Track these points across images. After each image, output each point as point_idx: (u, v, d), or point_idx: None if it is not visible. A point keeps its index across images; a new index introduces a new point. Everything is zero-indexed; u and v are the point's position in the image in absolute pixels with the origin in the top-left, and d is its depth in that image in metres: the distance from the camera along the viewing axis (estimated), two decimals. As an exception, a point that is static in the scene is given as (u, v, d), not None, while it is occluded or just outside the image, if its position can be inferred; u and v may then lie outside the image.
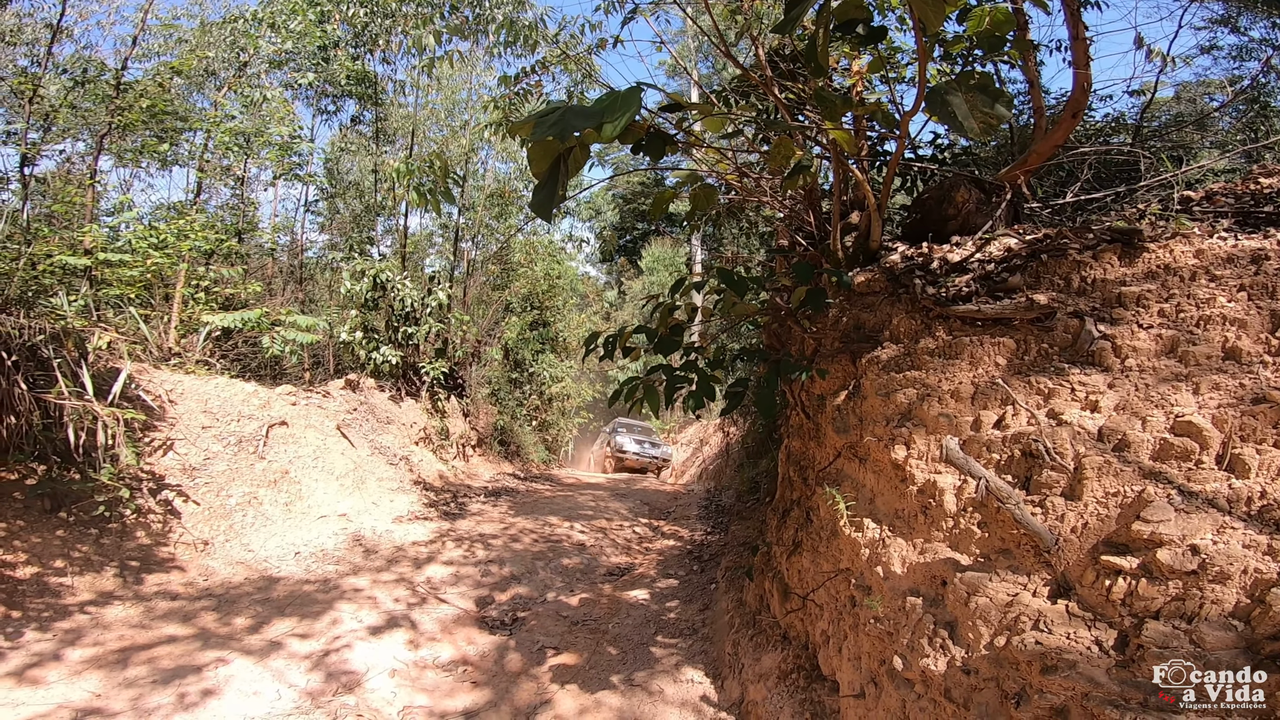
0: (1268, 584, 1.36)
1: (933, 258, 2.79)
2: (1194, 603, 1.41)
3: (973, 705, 1.58)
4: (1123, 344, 2.06)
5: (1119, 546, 1.60)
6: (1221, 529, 1.50)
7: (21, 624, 3.84)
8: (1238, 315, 2.01)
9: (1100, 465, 1.73)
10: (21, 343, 4.12)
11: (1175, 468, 1.70)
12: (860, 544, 2.22)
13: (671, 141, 2.16)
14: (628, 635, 4.60)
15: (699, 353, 2.81)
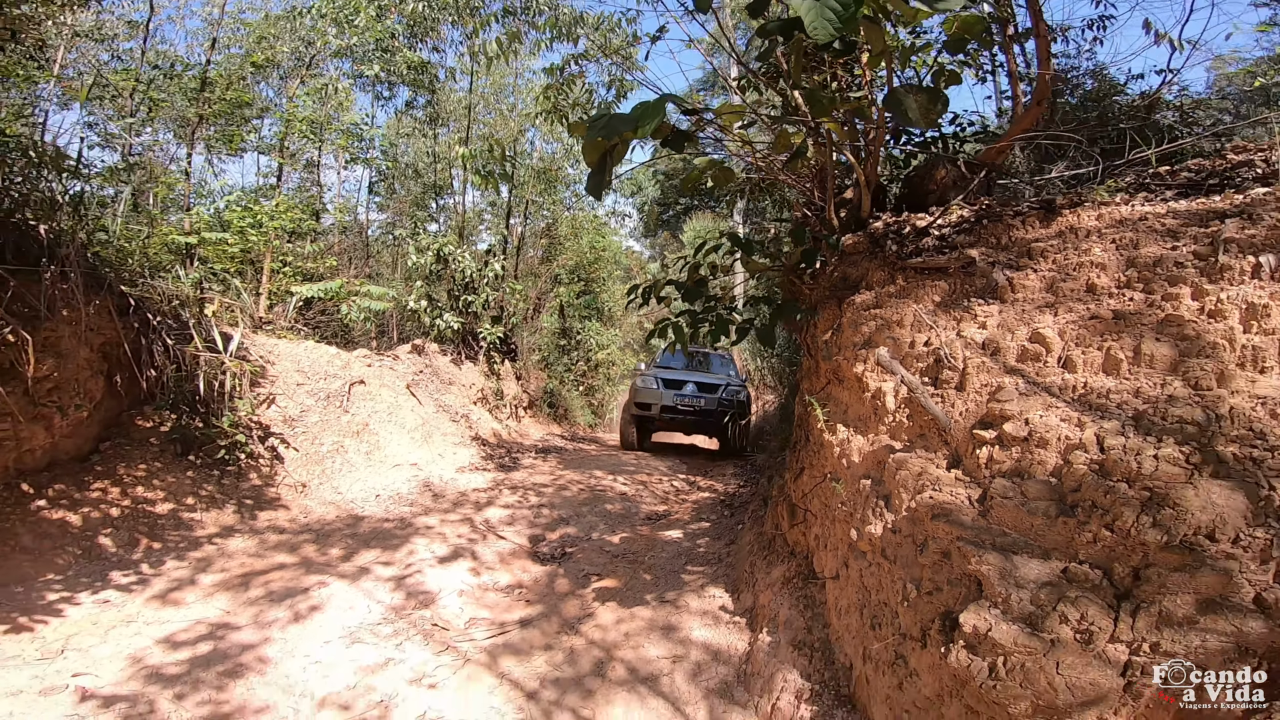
0: (1073, 447, 1.88)
1: (906, 224, 3.33)
2: (1026, 463, 1.94)
3: (898, 559, 2.14)
4: (1017, 283, 2.66)
5: (985, 424, 2.16)
6: (1048, 407, 2.03)
7: (162, 554, 4.48)
8: (1102, 261, 2.56)
9: (978, 365, 2.32)
10: (159, 306, 4.96)
11: (1028, 366, 2.28)
12: (834, 444, 2.84)
13: (690, 138, 2.72)
14: (661, 565, 5.23)
15: (718, 300, 3.42)
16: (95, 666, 3.14)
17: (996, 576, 1.67)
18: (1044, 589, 1.62)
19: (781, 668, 3.01)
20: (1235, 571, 1.48)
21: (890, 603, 2.16)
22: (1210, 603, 1.47)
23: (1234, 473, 1.64)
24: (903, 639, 2.04)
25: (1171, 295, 2.28)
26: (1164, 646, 1.46)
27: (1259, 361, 1.98)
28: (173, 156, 11.70)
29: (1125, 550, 1.63)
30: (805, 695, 2.75)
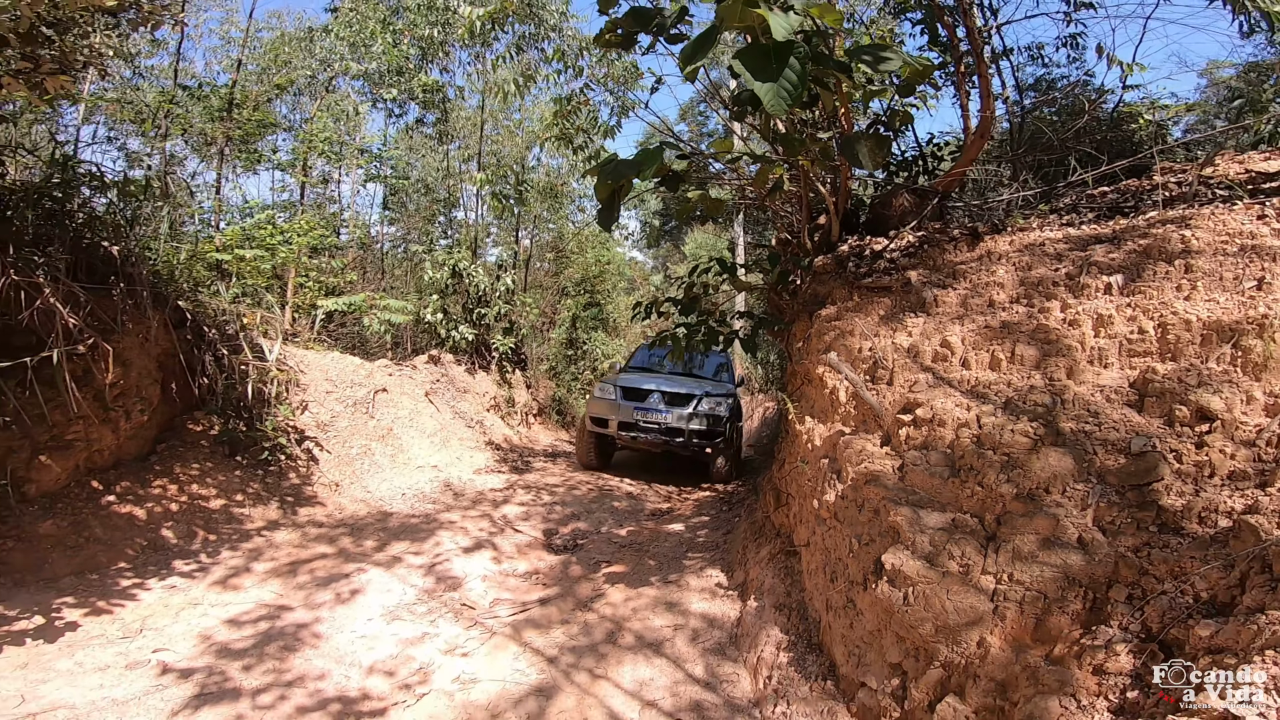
0: (962, 425, 2.43)
1: (866, 247, 3.90)
2: (931, 439, 2.48)
3: (845, 519, 2.67)
4: (940, 299, 3.26)
5: (905, 410, 2.71)
6: (948, 396, 2.60)
7: (218, 545, 4.95)
8: (1003, 280, 3.18)
9: (902, 365, 2.93)
10: (211, 320, 5.53)
11: (938, 365, 2.87)
12: (803, 433, 3.42)
13: (683, 179, 3.27)
14: (665, 553, 5.73)
15: (709, 314, 3.99)
16: (171, 643, 3.56)
17: (907, 525, 2.20)
18: (939, 533, 2.15)
19: (766, 626, 3.53)
20: (1062, 516, 2.00)
21: (842, 557, 2.69)
22: (1046, 541, 1.99)
23: (1068, 442, 2.18)
24: (850, 585, 2.57)
25: (1045, 308, 2.87)
26: (1017, 576, 1.98)
27: (1104, 359, 2.55)
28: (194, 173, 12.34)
29: (991, 501, 2.16)
30: (784, 645, 3.27)
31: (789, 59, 2.19)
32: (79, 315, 4.20)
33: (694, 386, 8.23)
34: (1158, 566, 1.85)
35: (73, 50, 4.25)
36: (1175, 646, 1.73)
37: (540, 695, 3.29)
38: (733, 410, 8.36)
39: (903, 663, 2.31)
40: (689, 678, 3.49)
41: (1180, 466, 2.07)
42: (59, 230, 4.65)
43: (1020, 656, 1.93)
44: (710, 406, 8.03)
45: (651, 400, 8.11)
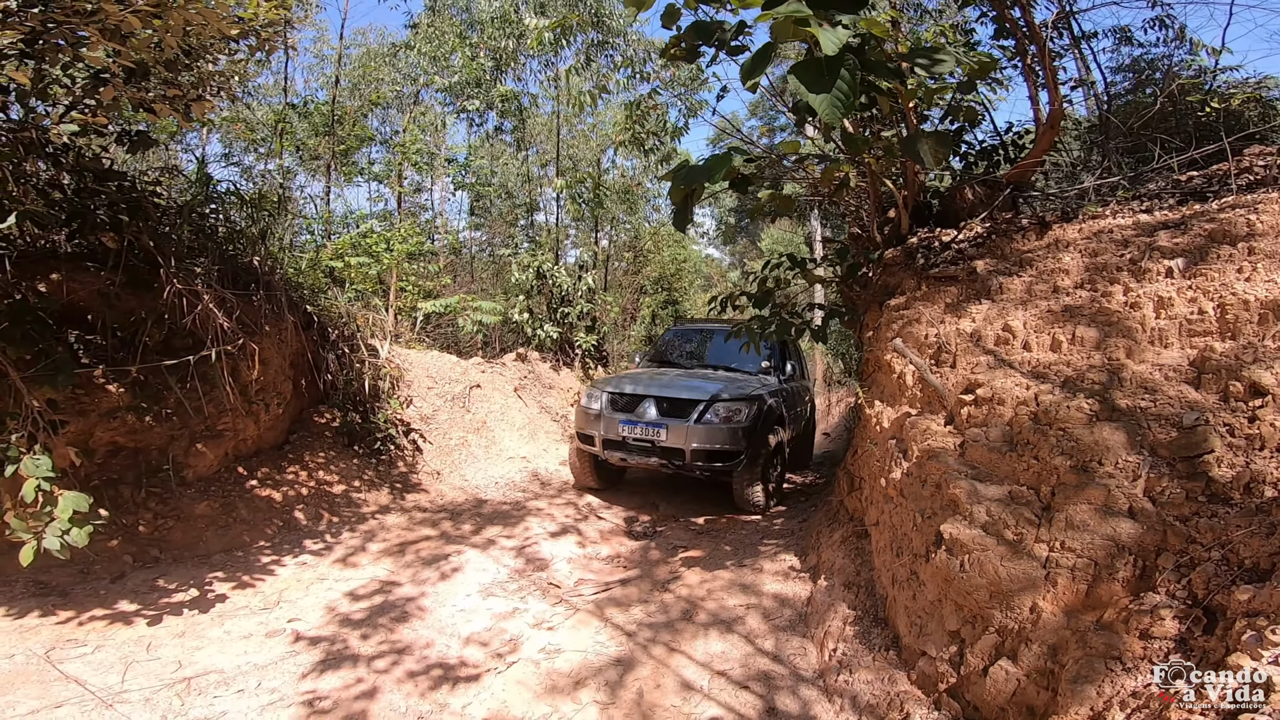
0: (1021, 403, 2.55)
1: (934, 239, 4.01)
2: (990, 417, 2.62)
3: (910, 495, 2.85)
4: (1005, 286, 3.33)
5: (967, 391, 2.85)
6: (1008, 376, 2.72)
7: (339, 526, 5.48)
8: (1068, 267, 3.24)
9: (965, 349, 3.07)
10: (334, 322, 6.21)
11: (1000, 348, 2.96)
12: (872, 416, 3.61)
13: (752, 181, 3.52)
14: (741, 540, 5.94)
15: (782, 306, 4.23)
16: (302, 614, 4.02)
17: (965, 497, 2.37)
18: (995, 504, 2.31)
19: (835, 603, 3.72)
20: (1114, 487, 2.12)
21: (907, 532, 2.87)
22: (1098, 510, 2.11)
23: (1123, 417, 2.29)
24: (914, 558, 2.75)
25: (1108, 292, 2.95)
26: (1069, 544, 2.12)
27: (1164, 339, 2.62)
28: (303, 186, 13.48)
29: (1046, 474, 2.29)
30: (850, 620, 3.46)
31: (840, 70, 2.38)
32: (230, 319, 4.88)
33: (708, 387, 6.11)
34: (1205, 535, 1.96)
35: (207, 76, 4.83)
36: (1219, 612, 1.84)
37: (619, 665, 3.57)
38: (765, 415, 6.12)
39: (960, 630, 2.47)
40: (759, 651, 3.72)
41: (1232, 439, 2.15)
42: (208, 243, 5.39)
43: (1071, 621, 2.08)
44: (725, 415, 5.81)
45: (643, 409, 5.98)
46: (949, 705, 2.50)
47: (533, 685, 3.37)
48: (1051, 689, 2.01)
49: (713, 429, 5.77)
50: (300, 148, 11.15)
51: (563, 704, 3.22)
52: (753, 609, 4.27)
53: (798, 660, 3.60)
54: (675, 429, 5.84)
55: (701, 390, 6.07)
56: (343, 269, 8.93)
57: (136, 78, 4.30)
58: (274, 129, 11.46)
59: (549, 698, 3.24)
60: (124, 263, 4.61)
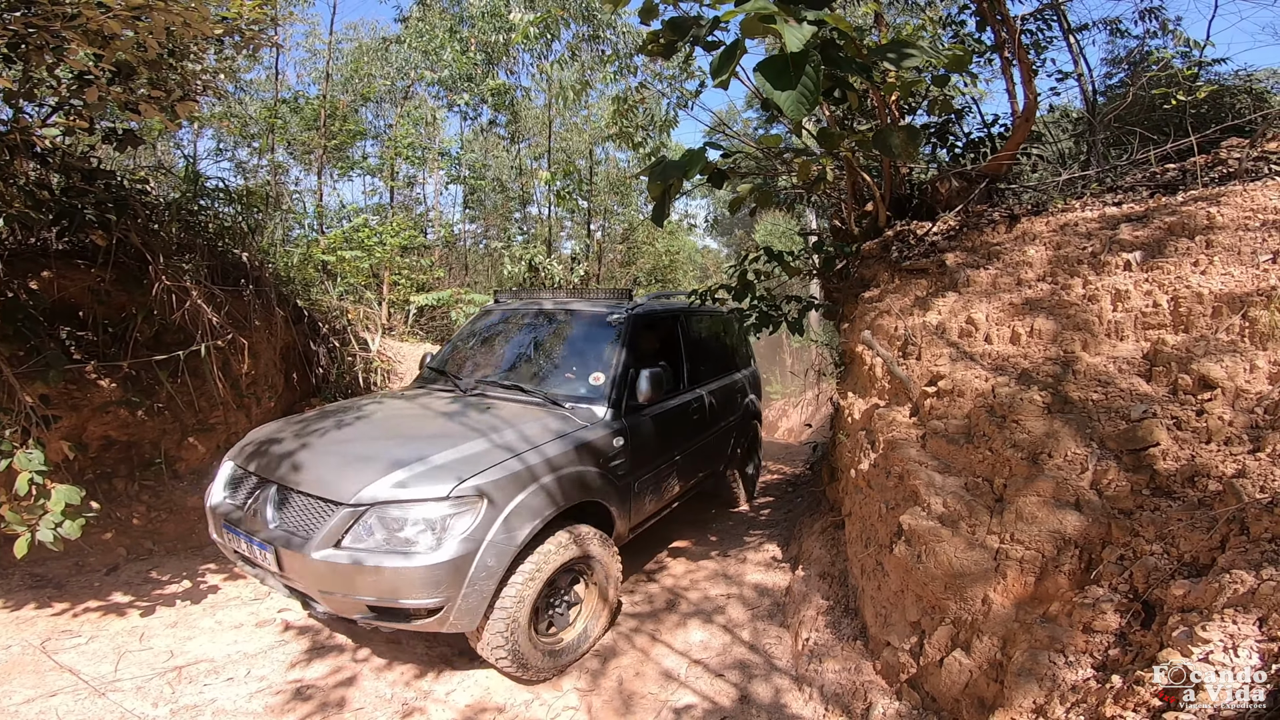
0: (979, 395, 2.64)
1: (910, 232, 4.08)
2: (951, 409, 2.69)
3: (876, 485, 2.93)
4: (972, 279, 3.42)
5: (930, 382, 2.94)
6: (969, 368, 2.81)
7: None
8: (1033, 259, 3.31)
9: (929, 341, 3.17)
10: (324, 316, 6.28)
11: (963, 341, 3.05)
12: (845, 408, 3.69)
13: (727, 176, 3.57)
14: (727, 530, 6.04)
15: (761, 299, 4.30)
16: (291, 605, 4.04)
17: (924, 488, 2.45)
18: (951, 495, 2.39)
19: (810, 594, 3.81)
20: (1062, 479, 2.20)
21: (874, 523, 2.96)
22: (1046, 502, 2.19)
23: (1075, 409, 2.37)
24: (880, 549, 2.83)
25: (1067, 285, 3.03)
26: (1018, 536, 2.20)
27: (1120, 332, 2.70)
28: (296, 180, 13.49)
29: (1000, 465, 2.37)
30: (823, 610, 3.56)
31: (804, 67, 2.43)
32: (219, 314, 4.95)
33: (400, 454, 3.00)
34: (1147, 529, 2.04)
35: (193, 76, 4.87)
36: (1157, 606, 1.92)
37: (602, 654, 3.67)
38: (516, 515, 2.96)
39: (920, 620, 2.56)
40: (737, 640, 3.82)
41: (1179, 433, 2.22)
42: (197, 239, 5.44)
43: (1019, 613, 2.16)
44: (394, 534, 2.77)
45: (260, 504, 3.09)
46: (909, 695, 2.58)
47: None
48: (1000, 681, 2.08)
49: (352, 570, 2.68)
50: (292, 143, 11.16)
51: (544, 692, 3.31)
52: (734, 599, 4.37)
53: (774, 649, 3.69)
54: (291, 558, 2.80)
55: (372, 465, 2.88)
56: (335, 263, 8.97)
57: (121, 78, 4.34)
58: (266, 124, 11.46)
59: (531, 686, 3.34)
60: (113, 260, 4.68)
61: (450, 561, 2.70)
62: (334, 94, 12.75)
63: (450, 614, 2.79)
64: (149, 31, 3.74)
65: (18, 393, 3.80)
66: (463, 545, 2.75)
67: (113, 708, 3.00)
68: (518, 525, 2.93)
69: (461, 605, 2.80)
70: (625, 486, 3.82)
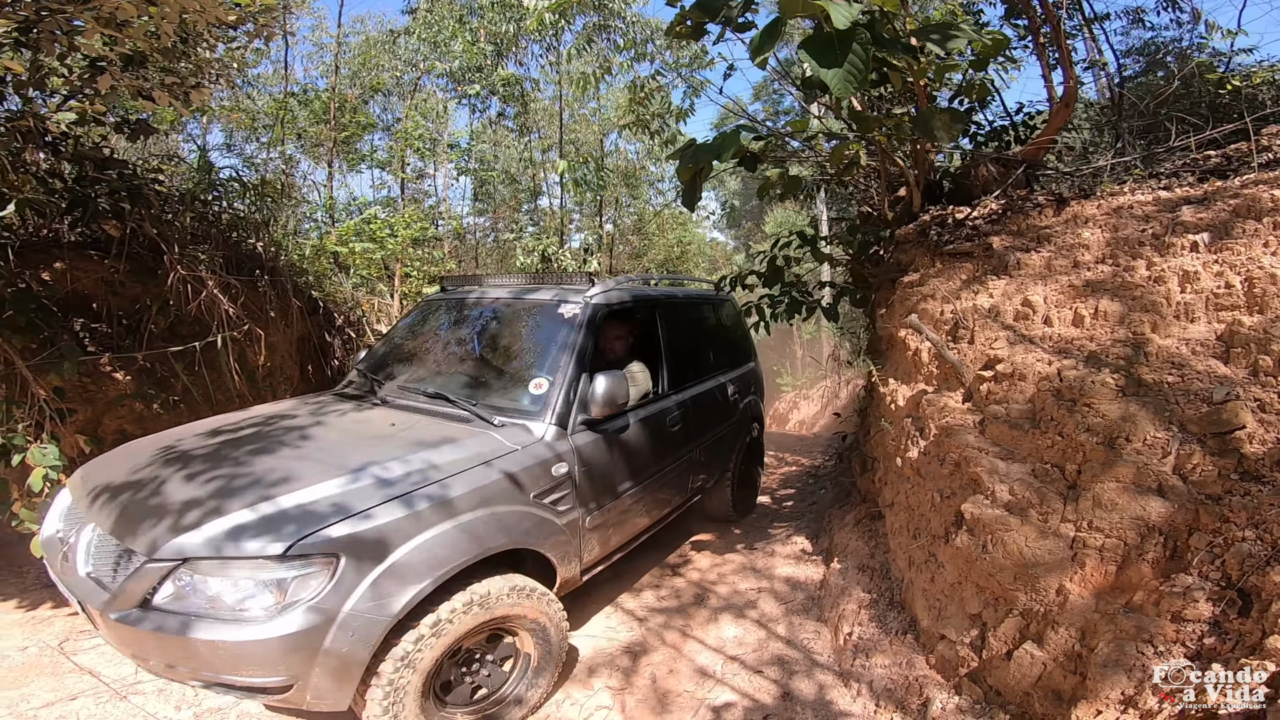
0: (1043, 379, 2.50)
1: (947, 216, 3.95)
2: (1011, 393, 2.56)
3: (928, 475, 2.80)
4: (1023, 262, 3.28)
5: (986, 366, 2.82)
6: (1029, 351, 2.67)
7: None
8: (1088, 242, 3.18)
9: (983, 324, 3.02)
10: (339, 308, 6.18)
11: (1019, 324, 2.92)
12: (886, 394, 3.57)
13: (760, 159, 3.45)
14: (751, 523, 5.92)
15: (793, 285, 4.17)
16: None
17: (986, 476, 2.32)
18: (1018, 483, 2.26)
19: (849, 587, 3.69)
20: (1143, 464, 2.07)
21: (924, 513, 2.83)
22: (1126, 489, 2.06)
23: (1151, 392, 2.23)
24: (932, 539, 2.70)
25: (1130, 267, 2.89)
26: (1096, 524, 2.07)
27: (1190, 314, 2.56)
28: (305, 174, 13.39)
29: (1072, 451, 2.24)
30: (865, 604, 3.43)
31: (852, 45, 2.32)
32: (234, 305, 4.85)
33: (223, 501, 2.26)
34: (1238, 514, 1.91)
35: (205, 64, 4.78)
36: (1254, 594, 1.79)
37: (632, 651, 3.56)
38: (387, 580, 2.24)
39: (982, 613, 2.43)
40: (773, 635, 3.71)
41: (1263, 415, 2.09)
42: (211, 230, 5.35)
43: (1100, 604, 2.03)
44: (199, 599, 2.10)
45: (83, 541, 2.44)
46: (970, 689, 2.46)
47: None
48: (1080, 673, 1.97)
49: (160, 638, 2.09)
50: (302, 135, 11.05)
51: (575, 690, 3.20)
52: (765, 593, 4.26)
53: (813, 644, 3.58)
54: (97, 614, 2.24)
55: (197, 507, 2.26)
56: (347, 255, 8.86)
57: (134, 66, 4.24)
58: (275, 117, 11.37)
59: (561, 684, 3.23)
60: (127, 250, 4.58)
61: (287, 638, 2.01)
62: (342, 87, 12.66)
63: (306, 693, 2.16)
64: (163, 16, 3.65)
65: (30, 386, 3.72)
66: (307, 617, 2.04)
67: (135, 711, 2.91)
68: (393, 590, 2.18)
69: (319, 684, 2.14)
70: (572, 525, 3.05)
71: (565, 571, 3.06)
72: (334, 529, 2.12)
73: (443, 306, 4.20)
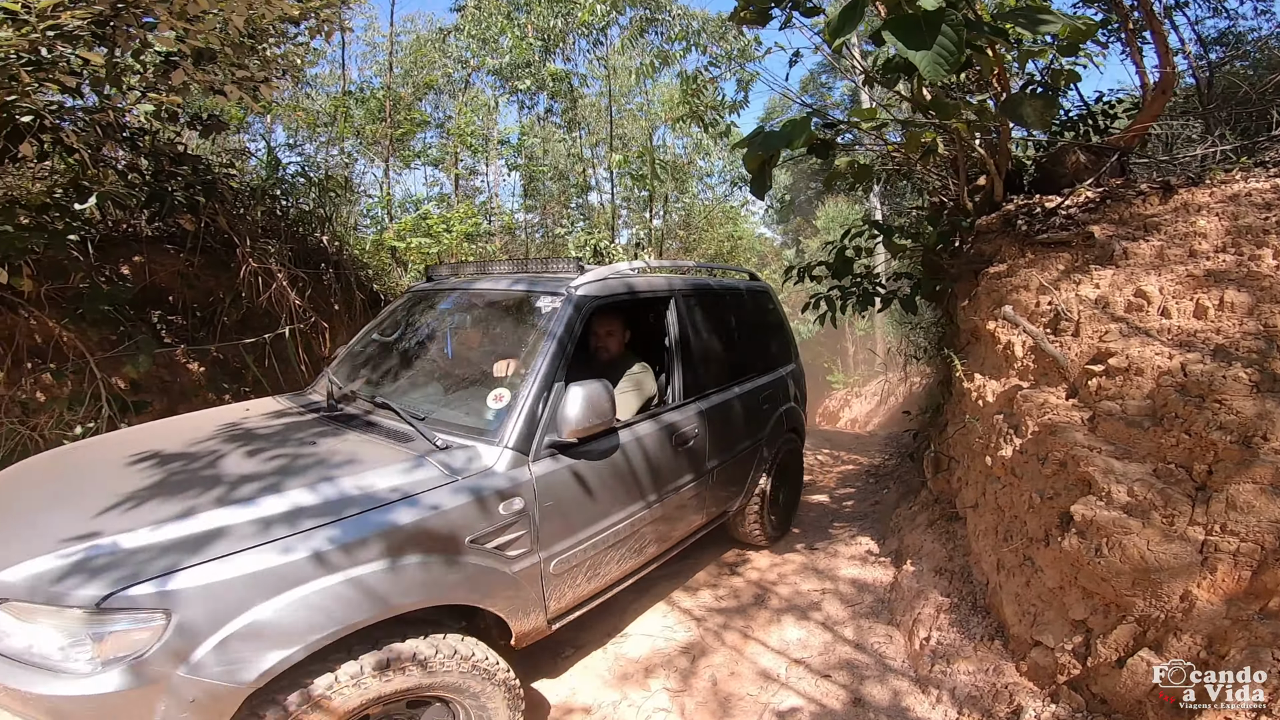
0: (1163, 374, 2.30)
1: (1036, 205, 3.73)
2: (1126, 389, 2.37)
3: (1025, 475, 2.64)
4: (1130, 251, 3.07)
5: (1095, 360, 2.62)
6: (1146, 345, 2.46)
7: None
8: (1205, 230, 2.95)
9: (1090, 316, 2.83)
10: (397, 303, 6.27)
11: (1132, 315, 2.71)
12: (971, 390, 3.39)
13: (832, 146, 3.32)
14: (810, 522, 5.76)
15: (864, 276, 4.01)
16: None
17: (1101, 476, 2.15)
18: (1138, 483, 2.09)
19: (924, 589, 3.53)
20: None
21: (1019, 514, 2.66)
22: (1264, 490, 1.88)
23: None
24: (1029, 542, 2.54)
25: (1256, 256, 2.64)
26: (1230, 527, 1.89)
27: None
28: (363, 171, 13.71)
29: (1200, 450, 2.06)
30: (944, 608, 3.27)
31: (940, 26, 2.20)
32: (302, 298, 4.95)
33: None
34: (1399, 520, 1.71)
35: (272, 60, 4.85)
36: None
37: (690, 652, 3.46)
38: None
39: (1088, 619, 2.27)
40: (839, 639, 3.57)
41: None
42: (280, 224, 5.47)
43: (1231, 610, 1.86)
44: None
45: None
46: (1070, 697, 2.30)
47: (600, 671, 3.28)
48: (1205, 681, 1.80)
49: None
50: (359, 133, 11.30)
51: (632, 691, 3.12)
52: (830, 594, 4.11)
53: (884, 649, 3.43)
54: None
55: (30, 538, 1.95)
56: (404, 249, 9.00)
57: (205, 61, 4.35)
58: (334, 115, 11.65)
59: (619, 685, 3.15)
60: (201, 244, 4.71)
61: (104, 698, 1.70)
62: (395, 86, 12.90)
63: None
64: (232, 10, 3.72)
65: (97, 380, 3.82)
66: (127, 677, 1.71)
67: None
68: (247, 655, 1.77)
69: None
70: (529, 573, 2.47)
71: (521, 625, 2.52)
72: (172, 577, 1.76)
73: (421, 300, 3.66)
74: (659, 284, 3.52)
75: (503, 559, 2.36)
